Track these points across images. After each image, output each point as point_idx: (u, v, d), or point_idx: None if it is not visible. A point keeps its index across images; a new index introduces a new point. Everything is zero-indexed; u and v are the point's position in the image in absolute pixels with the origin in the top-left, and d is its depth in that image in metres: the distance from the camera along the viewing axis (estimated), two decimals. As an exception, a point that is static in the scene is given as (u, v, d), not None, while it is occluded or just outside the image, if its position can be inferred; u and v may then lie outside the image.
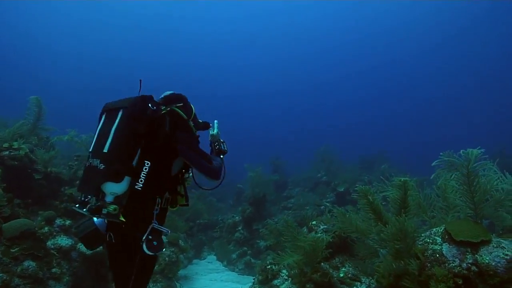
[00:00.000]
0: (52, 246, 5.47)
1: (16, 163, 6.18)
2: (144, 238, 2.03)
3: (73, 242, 5.78)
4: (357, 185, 4.07)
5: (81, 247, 5.75)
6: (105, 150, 1.92)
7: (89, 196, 1.95)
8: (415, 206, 3.90)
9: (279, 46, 55.63)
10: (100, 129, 2.06)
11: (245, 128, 48.76)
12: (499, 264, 2.81)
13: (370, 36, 50.69)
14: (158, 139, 2.04)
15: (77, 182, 2.07)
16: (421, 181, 4.45)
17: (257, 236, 9.89)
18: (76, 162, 8.75)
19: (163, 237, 2.32)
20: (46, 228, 5.67)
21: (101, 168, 1.89)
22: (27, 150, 6.33)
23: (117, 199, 1.91)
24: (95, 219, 2.11)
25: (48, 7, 47.97)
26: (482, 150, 3.30)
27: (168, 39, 55.47)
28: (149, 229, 2.07)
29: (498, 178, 3.31)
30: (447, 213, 3.77)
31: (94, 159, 1.95)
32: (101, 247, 5.06)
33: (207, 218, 11.75)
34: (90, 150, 2.03)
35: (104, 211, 1.85)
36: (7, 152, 6.13)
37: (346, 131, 48.83)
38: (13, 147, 6.20)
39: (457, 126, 45.03)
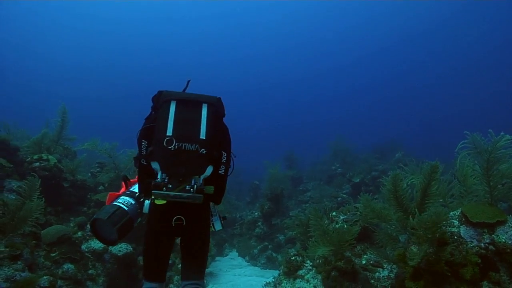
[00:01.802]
0: (86, 250, 5.80)
1: (47, 173, 6.53)
2: (215, 217, 2.41)
3: (105, 245, 6.10)
4: (389, 172, 4.17)
5: (113, 250, 6.07)
6: (203, 137, 2.13)
7: (167, 179, 2.07)
8: (436, 192, 4.01)
9: (278, 38, 55.71)
10: (177, 116, 2.18)
11: (256, 124, 49.07)
12: (515, 243, 2.97)
13: (369, 21, 50.19)
14: (226, 135, 2.39)
15: (155, 163, 2.10)
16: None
17: (277, 231, 10.11)
18: (98, 169, 9.14)
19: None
20: (79, 233, 6.01)
21: (203, 152, 2.11)
22: (56, 161, 6.67)
23: (204, 181, 2.14)
24: (125, 207, 2.19)
25: (45, 17, 49.11)
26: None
27: (165, 42, 56.21)
28: (214, 209, 2.45)
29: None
30: (464, 198, 3.91)
31: (187, 144, 2.11)
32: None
33: (226, 215, 12.00)
34: (170, 134, 2.11)
35: (206, 190, 2.10)
36: (38, 164, 6.48)
37: (355, 120, 48.68)
38: (43, 158, 6.54)
39: (467, 109, 44.41)
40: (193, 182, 2.06)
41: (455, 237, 3.30)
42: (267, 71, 58.65)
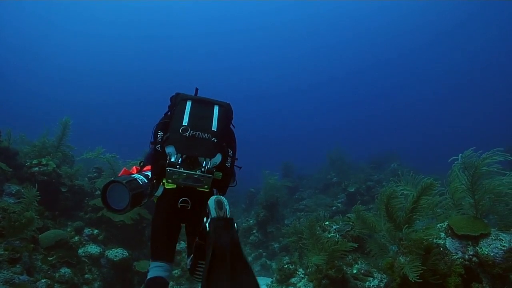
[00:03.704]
0: (83, 254, 5.89)
1: (45, 178, 6.62)
2: None
3: (101, 250, 6.18)
4: (385, 183, 4.27)
5: (109, 254, 6.15)
6: (214, 129, 2.42)
7: (181, 161, 2.29)
8: (425, 205, 4.13)
9: (279, 47, 56.00)
10: (192, 111, 2.47)
11: (253, 132, 49.09)
12: (497, 255, 3.09)
13: (369, 33, 50.59)
14: (232, 136, 2.69)
15: (172, 145, 2.37)
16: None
17: (272, 239, 10.19)
18: (95, 174, 9.24)
19: None
20: (76, 238, 6.09)
21: (214, 141, 2.38)
22: (55, 166, 6.76)
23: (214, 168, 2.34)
24: (140, 182, 2.22)
25: (46, 20, 49.27)
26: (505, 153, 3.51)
27: (167, 45, 56.18)
28: None
29: (503, 182, 3.54)
30: (452, 210, 4.05)
31: (200, 132, 2.38)
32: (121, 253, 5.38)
33: None
34: (186, 123, 2.39)
35: (215, 175, 2.29)
36: (37, 168, 6.57)
37: (354, 129, 48.95)
38: (42, 163, 6.63)
39: (464, 121, 44.77)
40: (204, 164, 2.31)
41: (441, 249, 3.42)
42: (266, 80, 59.02)
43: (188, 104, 2.49)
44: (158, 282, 2.26)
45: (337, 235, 5.42)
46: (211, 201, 2.00)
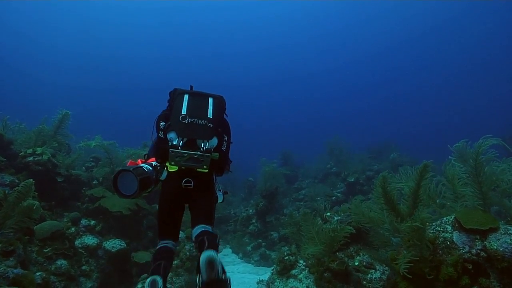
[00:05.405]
0: (80, 245, 5.79)
1: (40, 168, 6.47)
2: (217, 190, 2.87)
3: (98, 241, 6.09)
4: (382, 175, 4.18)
5: (106, 245, 6.06)
6: (210, 116, 2.74)
7: (182, 144, 2.59)
8: (426, 196, 4.05)
9: (278, 35, 55.40)
10: (190, 102, 2.79)
11: (251, 121, 48.90)
12: (506, 250, 3.00)
13: (368, 22, 49.98)
14: (226, 124, 2.95)
15: (174, 130, 2.74)
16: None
17: (271, 228, 10.14)
18: (92, 163, 9.12)
19: None
20: (72, 229, 5.99)
21: (210, 126, 2.69)
22: (50, 155, 6.61)
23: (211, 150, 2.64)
24: (145, 169, 2.41)
25: (47, 6, 48.37)
26: (497, 137, 3.43)
27: (166, 35, 55.55)
28: (217, 183, 2.90)
29: (503, 169, 3.45)
30: (455, 202, 3.94)
31: (197, 119, 2.69)
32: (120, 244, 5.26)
33: (220, 212, 11.99)
34: (184, 113, 2.70)
35: (212, 155, 2.60)
36: (31, 158, 6.42)
37: (353, 119, 48.82)
38: (36, 152, 6.48)
39: (463, 111, 44.70)
40: (202, 145, 2.61)
41: (448, 243, 3.33)
42: (265, 69, 58.54)
43: (186, 97, 2.81)
44: (164, 249, 2.61)
45: (339, 227, 5.33)
46: (203, 261, 2.06)
